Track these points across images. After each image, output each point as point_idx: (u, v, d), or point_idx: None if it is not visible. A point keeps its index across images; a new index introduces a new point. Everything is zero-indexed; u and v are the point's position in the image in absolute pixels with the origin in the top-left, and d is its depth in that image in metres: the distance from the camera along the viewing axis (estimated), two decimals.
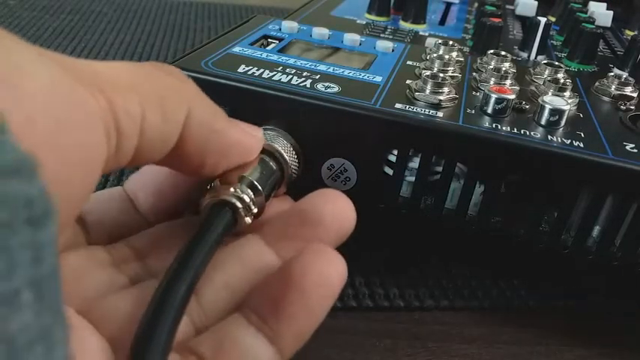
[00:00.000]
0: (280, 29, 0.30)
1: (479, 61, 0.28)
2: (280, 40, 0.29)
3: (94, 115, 0.13)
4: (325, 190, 0.19)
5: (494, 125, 0.21)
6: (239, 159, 0.19)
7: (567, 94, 0.24)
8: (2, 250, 0.09)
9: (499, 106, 0.22)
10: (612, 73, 0.27)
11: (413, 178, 0.23)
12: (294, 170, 0.21)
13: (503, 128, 0.21)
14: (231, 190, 0.18)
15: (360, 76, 0.24)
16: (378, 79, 0.24)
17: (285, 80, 0.23)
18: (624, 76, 0.27)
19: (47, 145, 0.12)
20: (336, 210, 0.18)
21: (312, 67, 0.25)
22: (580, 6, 0.39)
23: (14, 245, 0.09)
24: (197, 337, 0.16)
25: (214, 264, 0.17)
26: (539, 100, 0.23)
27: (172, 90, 0.16)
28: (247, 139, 0.19)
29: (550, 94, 0.24)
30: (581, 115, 0.24)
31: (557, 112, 0.22)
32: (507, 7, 0.46)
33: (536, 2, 0.43)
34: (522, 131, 0.21)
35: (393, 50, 0.29)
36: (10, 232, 0.09)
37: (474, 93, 0.25)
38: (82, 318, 0.16)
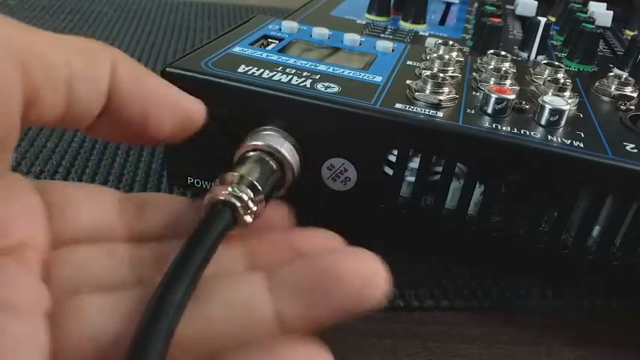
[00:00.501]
0: (280, 29, 0.30)
1: (479, 61, 0.28)
2: (280, 40, 0.29)
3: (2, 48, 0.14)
4: (358, 249, 0.16)
5: (494, 125, 0.21)
6: (182, 119, 0.19)
7: (567, 94, 0.24)
8: None
9: (499, 106, 0.22)
10: (612, 73, 0.27)
11: (413, 178, 0.23)
12: (294, 170, 0.21)
13: (503, 128, 0.21)
14: (230, 189, 0.18)
15: (360, 76, 0.24)
16: (378, 79, 0.24)
17: (285, 80, 0.23)
18: (624, 76, 0.27)
19: None
20: (363, 272, 0.16)
21: (312, 67, 0.25)
22: (580, 6, 0.39)
23: None
24: None
25: (200, 296, 0.16)
26: (539, 100, 0.23)
27: (96, 44, 0.17)
28: (186, 98, 0.19)
29: (550, 94, 0.24)
30: (581, 115, 0.24)
31: (557, 112, 0.22)
32: (507, 7, 0.46)
33: (536, 2, 0.44)
34: (522, 131, 0.21)
35: (393, 50, 0.29)
36: None
37: (474, 93, 0.25)
38: (39, 314, 0.15)
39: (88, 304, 0.16)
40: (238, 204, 0.18)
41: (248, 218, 0.18)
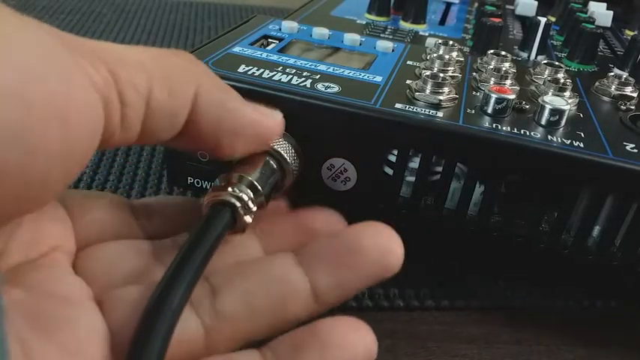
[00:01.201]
0: (280, 29, 0.30)
1: (479, 61, 0.28)
2: (280, 40, 0.29)
3: (84, 81, 0.14)
4: (375, 223, 0.18)
5: (494, 125, 0.21)
6: (256, 139, 0.19)
7: (567, 94, 0.24)
8: None
9: (499, 106, 0.22)
10: (612, 73, 0.27)
11: (413, 178, 0.23)
12: (294, 170, 0.21)
13: (503, 128, 0.21)
14: (230, 189, 0.18)
15: (360, 76, 0.24)
16: (378, 79, 0.24)
17: (285, 80, 0.23)
18: (624, 76, 0.27)
19: (35, 114, 0.12)
20: (381, 243, 0.17)
21: (312, 67, 0.25)
22: (580, 6, 0.39)
23: None
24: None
25: (240, 271, 0.17)
26: (540, 100, 0.23)
27: (180, 68, 0.17)
28: (263, 119, 0.19)
29: (550, 94, 0.24)
30: (581, 115, 0.24)
31: (557, 112, 0.22)
32: (507, 7, 0.46)
33: (536, 2, 0.43)
34: (522, 131, 0.21)
35: (393, 50, 0.29)
36: None
37: (474, 93, 0.25)
38: (92, 303, 0.16)
39: (128, 294, 0.17)
40: (238, 204, 0.18)
41: (248, 218, 0.18)
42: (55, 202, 0.18)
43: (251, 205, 0.18)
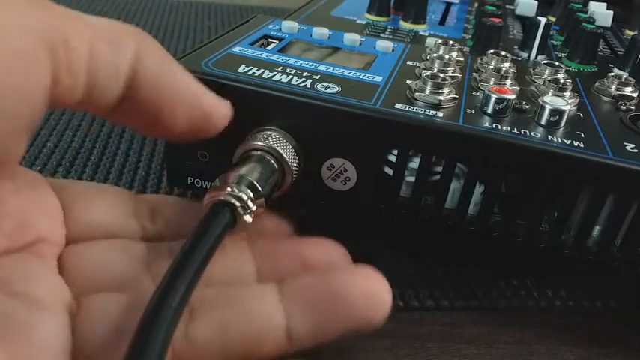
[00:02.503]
0: (280, 29, 0.30)
1: (479, 61, 0.28)
2: (280, 40, 0.29)
3: (33, 31, 0.14)
4: (365, 268, 0.17)
5: (494, 125, 0.21)
6: (198, 115, 0.18)
7: (567, 94, 0.24)
8: None
9: (499, 106, 0.22)
10: (612, 73, 0.27)
11: (413, 178, 0.23)
12: (294, 170, 0.21)
13: (503, 128, 0.21)
14: (230, 190, 0.18)
15: (360, 76, 0.24)
16: (378, 79, 0.24)
17: (285, 80, 0.23)
18: (624, 76, 0.27)
19: None
20: (368, 292, 0.17)
21: (312, 67, 0.25)
22: (580, 6, 0.39)
23: None
24: None
25: (221, 297, 0.17)
26: (539, 100, 0.23)
27: (123, 29, 0.17)
28: (206, 96, 0.19)
29: (550, 94, 0.24)
30: (581, 115, 0.24)
31: (557, 112, 0.22)
32: (507, 7, 0.46)
33: (536, 2, 0.43)
34: (522, 131, 0.21)
35: (393, 50, 0.29)
36: None
37: (474, 93, 0.25)
38: (62, 308, 0.16)
39: (108, 304, 0.16)
40: (238, 204, 0.18)
41: (248, 218, 0.18)
42: (48, 191, 0.18)
43: (251, 205, 0.18)
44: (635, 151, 0.21)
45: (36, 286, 0.16)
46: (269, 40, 0.29)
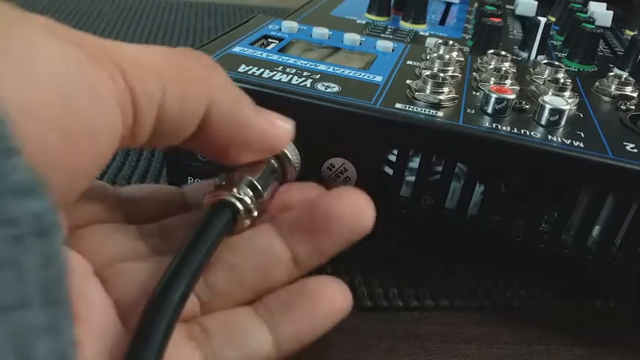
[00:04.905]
0: (280, 29, 0.30)
1: (479, 61, 0.28)
2: (280, 40, 0.29)
3: (108, 95, 0.14)
4: (346, 187, 0.19)
5: (494, 125, 0.21)
6: (264, 149, 0.19)
7: (567, 94, 0.24)
8: (14, 262, 0.10)
9: (499, 106, 0.22)
10: (612, 73, 0.27)
11: (413, 178, 0.22)
12: (294, 170, 0.21)
13: (504, 128, 0.21)
14: (230, 189, 0.18)
15: (360, 76, 0.24)
16: (379, 78, 0.24)
17: (286, 80, 0.23)
18: (624, 76, 0.27)
19: (54, 125, 0.12)
20: (353, 207, 0.18)
21: (312, 66, 0.25)
22: (580, 6, 0.39)
23: (25, 256, 0.10)
24: (206, 315, 0.18)
25: (225, 245, 0.18)
26: (540, 100, 0.23)
27: (196, 76, 0.17)
28: (273, 130, 0.19)
29: (550, 94, 0.24)
30: (581, 115, 0.24)
31: (557, 112, 0.22)
32: (507, 7, 0.46)
33: (536, 2, 0.43)
34: (522, 131, 0.21)
35: (393, 50, 0.29)
36: (21, 245, 0.10)
37: (474, 93, 0.25)
38: (94, 277, 0.17)
39: (127, 270, 0.18)
40: (238, 204, 0.18)
41: (247, 221, 0.18)
42: None
43: (251, 204, 0.18)
44: (635, 150, 0.21)
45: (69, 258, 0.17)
46: (269, 40, 0.29)
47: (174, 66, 0.16)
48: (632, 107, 0.25)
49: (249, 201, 0.18)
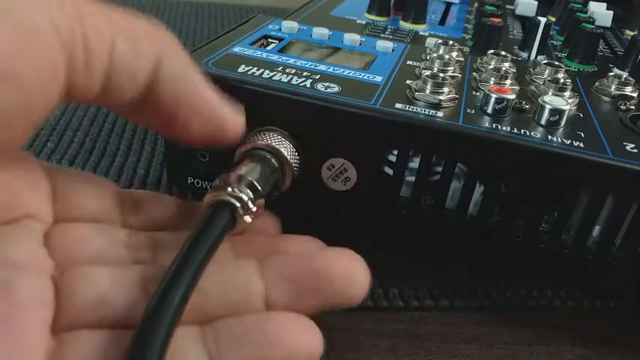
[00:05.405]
0: (280, 29, 0.30)
1: (479, 61, 0.28)
2: (280, 40, 0.29)
3: (45, 29, 0.14)
4: (346, 250, 0.18)
5: (494, 125, 0.21)
6: (212, 124, 0.19)
7: (567, 94, 0.24)
8: None
9: (499, 106, 0.22)
10: (612, 73, 0.27)
11: (413, 178, 0.23)
12: (294, 170, 0.21)
13: (503, 128, 0.21)
14: (230, 189, 0.18)
15: (360, 76, 0.24)
16: (378, 79, 0.24)
17: (285, 80, 0.23)
18: (624, 76, 0.27)
19: None
20: (348, 272, 0.17)
21: (312, 67, 0.25)
22: (580, 6, 0.39)
23: None
24: None
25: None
26: (539, 100, 0.23)
27: (147, 29, 0.17)
28: (222, 105, 0.19)
29: (550, 94, 0.24)
30: (581, 115, 0.24)
31: (557, 112, 0.22)
32: (507, 7, 0.46)
33: (536, 2, 0.43)
34: (522, 131, 0.21)
35: (393, 50, 0.29)
36: None
37: (474, 93, 0.25)
38: (45, 275, 0.16)
39: (92, 273, 0.17)
40: (238, 204, 0.18)
41: (247, 218, 0.18)
42: (40, 173, 0.18)
43: (251, 205, 0.18)
44: (635, 150, 0.21)
45: (20, 251, 0.16)
46: (269, 40, 0.29)
47: (124, 19, 0.16)
48: (632, 107, 0.25)
49: (247, 200, 0.18)
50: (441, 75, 0.23)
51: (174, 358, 0.15)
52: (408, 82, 0.24)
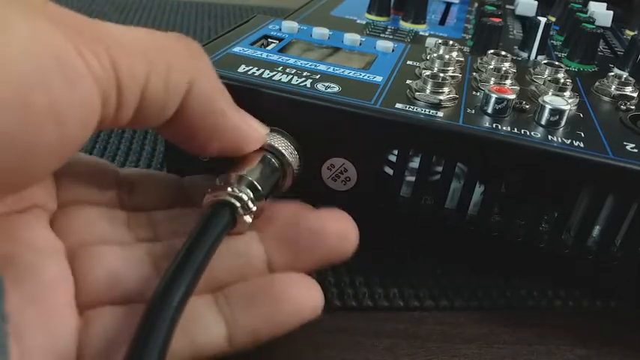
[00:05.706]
0: (280, 29, 0.30)
1: (479, 61, 0.28)
2: (280, 40, 0.29)
3: (85, 74, 0.14)
4: (335, 209, 0.19)
5: (494, 125, 0.21)
6: (233, 145, 0.19)
7: (567, 94, 0.24)
8: None
9: (499, 106, 0.22)
10: (612, 73, 0.27)
11: (413, 178, 0.23)
12: (294, 170, 0.21)
13: (504, 128, 0.21)
14: (230, 189, 0.18)
15: (361, 76, 0.24)
16: (379, 79, 0.24)
17: (286, 80, 0.23)
18: (624, 76, 0.27)
19: (8, 103, 0.12)
20: (340, 230, 0.18)
21: (312, 67, 0.25)
22: (580, 6, 0.39)
23: None
24: None
25: None
26: (540, 100, 0.23)
27: (180, 59, 0.17)
28: (248, 129, 0.19)
29: (550, 94, 0.24)
30: (582, 115, 0.24)
31: (557, 112, 0.22)
32: (507, 7, 0.46)
33: (536, 2, 0.44)
34: (522, 131, 0.21)
35: (393, 50, 0.29)
36: None
37: (474, 93, 0.25)
38: (62, 256, 0.17)
39: (101, 253, 0.18)
40: (238, 204, 0.18)
41: (247, 218, 0.18)
42: None
43: (251, 205, 0.18)
44: (635, 150, 0.21)
45: (36, 235, 0.17)
46: (269, 40, 0.29)
47: (158, 48, 0.16)
48: (632, 107, 0.25)
49: (247, 200, 0.18)
50: (441, 75, 0.23)
51: (194, 323, 0.16)
52: (408, 82, 0.24)
